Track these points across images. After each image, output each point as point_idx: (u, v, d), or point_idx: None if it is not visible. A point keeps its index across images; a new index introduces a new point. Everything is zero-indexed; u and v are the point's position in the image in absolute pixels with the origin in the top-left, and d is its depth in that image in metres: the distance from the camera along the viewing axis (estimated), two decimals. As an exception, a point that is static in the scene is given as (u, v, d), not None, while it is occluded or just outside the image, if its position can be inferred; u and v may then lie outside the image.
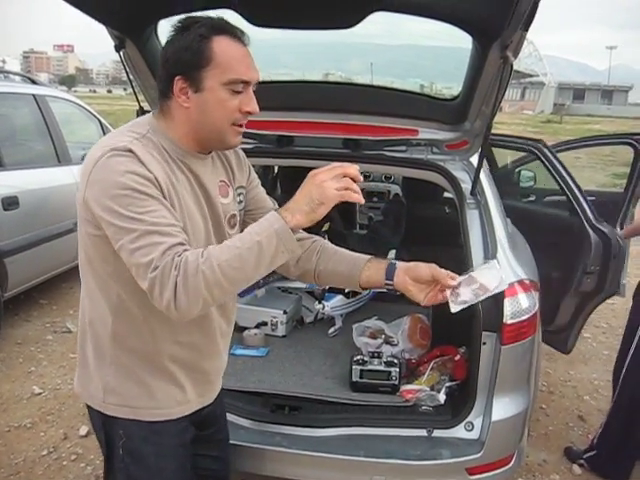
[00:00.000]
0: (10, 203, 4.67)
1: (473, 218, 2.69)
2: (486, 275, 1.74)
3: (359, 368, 2.77)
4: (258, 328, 3.32)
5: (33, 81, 6.22)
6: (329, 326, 3.49)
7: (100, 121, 6.75)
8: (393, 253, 3.81)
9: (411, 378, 2.85)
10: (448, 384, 2.70)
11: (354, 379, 2.77)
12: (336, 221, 4.45)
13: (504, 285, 1.78)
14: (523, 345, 2.43)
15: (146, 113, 2.58)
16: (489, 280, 1.73)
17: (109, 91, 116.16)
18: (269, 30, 2.47)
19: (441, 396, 2.64)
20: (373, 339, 3.11)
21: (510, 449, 2.52)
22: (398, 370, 2.77)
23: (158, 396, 1.73)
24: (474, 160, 2.91)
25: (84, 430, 3.66)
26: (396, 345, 3.07)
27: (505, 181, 4.57)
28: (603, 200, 4.14)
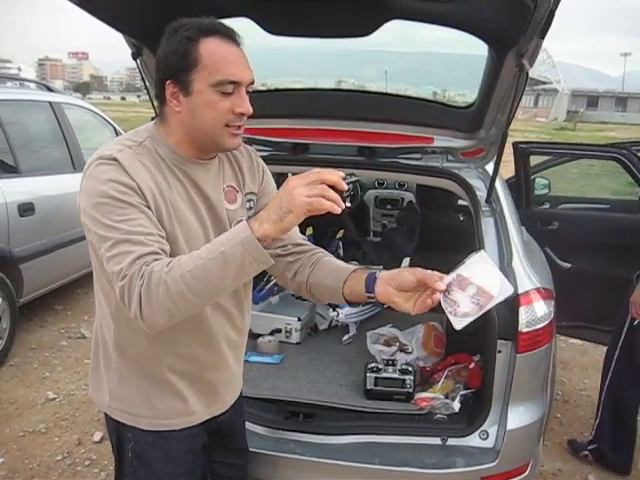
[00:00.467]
0: (26, 209, 4.71)
1: (488, 226, 2.68)
2: (479, 273, 1.53)
3: (373, 376, 2.76)
4: (272, 335, 3.31)
5: (49, 89, 6.28)
6: (343, 333, 3.48)
7: (115, 128, 6.79)
8: (407, 261, 3.80)
9: (425, 386, 2.84)
10: (463, 392, 2.69)
11: (368, 387, 2.76)
12: (350, 228, 4.46)
13: (509, 290, 1.54)
14: (539, 353, 2.42)
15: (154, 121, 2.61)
16: (486, 281, 1.52)
17: (123, 98, 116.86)
18: (281, 37, 2.49)
19: (455, 404, 2.62)
20: (387, 347, 3.11)
21: (525, 458, 2.50)
22: (412, 378, 2.76)
23: (158, 406, 1.73)
24: (489, 168, 2.91)
25: (98, 436, 3.67)
26: (410, 353, 3.06)
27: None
28: None
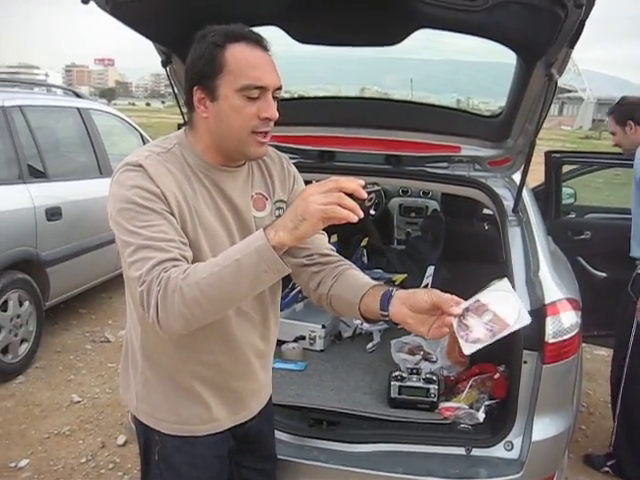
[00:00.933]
0: (53, 214, 4.77)
1: (515, 235, 2.67)
2: (498, 301, 1.44)
3: (398, 384, 2.76)
4: (296, 342, 3.32)
5: (77, 95, 6.36)
6: (367, 341, 3.48)
7: (141, 133, 6.87)
8: (431, 270, 3.79)
9: (450, 396, 2.83)
10: (487, 402, 2.67)
11: (393, 395, 2.76)
12: (374, 236, 4.46)
13: (526, 320, 1.43)
14: (565, 365, 2.40)
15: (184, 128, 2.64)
16: (504, 309, 1.43)
17: (147, 104, 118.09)
18: (304, 45, 2.50)
19: (480, 414, 2.61)
20: (411, 355, 3.10)
21: (550, 470, 2.48)
22: (437, 387, 2.75)
23: (181, 412, 1.73)
24: (516, 177, 2.90)
25: (122, 439, 3.70)
26: (435, 362, 3.05)
27: None
28: None
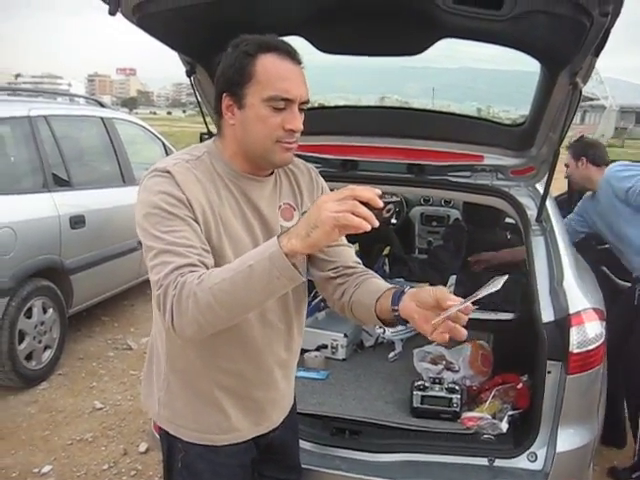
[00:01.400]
0: (77, 222, 4.82)
1: (538, 245, 2.66)
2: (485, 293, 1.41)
3: (420, 394, 2.75)
4: (318, 351, 3.32)
5: (101, 104, 6.43)
6: (389, 350, 3.47)
7: (163, 142, 6.92)
8: (454, 279, 3.77)
9: (472, 405, 2.81)
10: (510, 413, 2.65)
11: (415, 405, 2.75)
12: (395, 245, 4.45)
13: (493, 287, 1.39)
14: (589, 375, 2.39)
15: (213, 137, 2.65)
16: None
17: (169, 113, 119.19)
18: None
19: (503, 425, 2.59)
20: (434, 365, 3.08)
21: (575, 482, 2.46)
22: (459, 397, 2.74)
23: (201, 420, 1.74)
24: (539, 186, 2.88)
25: (144, 447, 3.72)
26: (457, 372, 3.03)
27: None
28: None
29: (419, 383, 2.79)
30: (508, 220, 4.12)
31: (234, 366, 1.71)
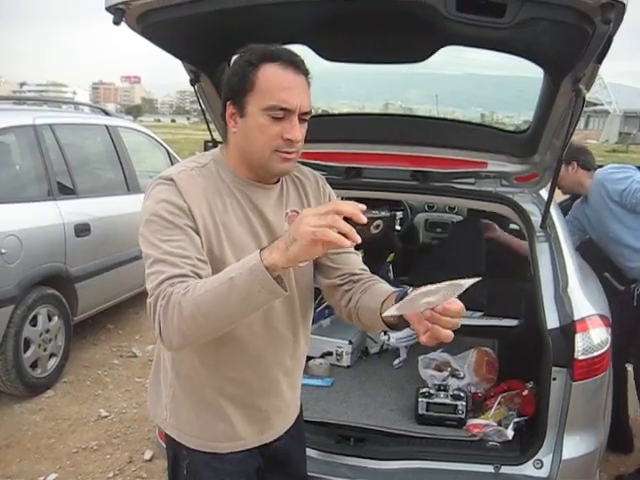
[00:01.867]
0: (82, 230, 4.82)
1: (543, 251, 2.66)
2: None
3: (425, 401, 2.75)
4: (323, 358, 3.32)
5: (106, 112, 6.45)
6: (394, 357, 3.47)
7: (167, 150, 6.93)
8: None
9: (477, 412, 2.82)
10: (516, 420, 2.65)
11: (420, 412, 2.75)
12: (400, 251, 4.45)
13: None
14: (595, 382, 2.39)
15: (217, 144, 2.66)
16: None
17: (173, 120, 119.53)
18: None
19: (509, 432, 2.59)
20: (439, 372, 3.08)
21: (581, 489, 2.45)
22: (464, 404, 2.74)
23: (205, 427, 1.74)
24: (543, 192, 2.88)
25: (149, 454, 3.70)
26: (462, 378, 3.03)
27: None
28: None
29: (424, 390, 2.80)
30: (512, 226, 4.13)
31: (238, 374, 1.70)
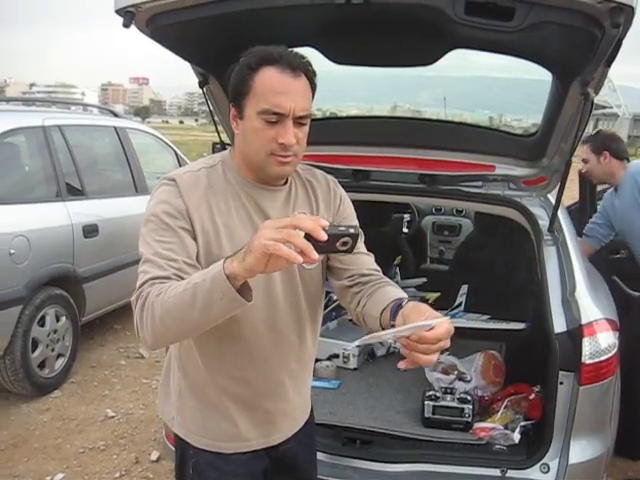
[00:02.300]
0: (90, 231, 4.84)
1: (550, 255, 2.66)
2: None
3: (432, 404, 2.74)
4: (330, 360, 3.32)
5: (115, 114, 6.47)
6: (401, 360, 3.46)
7: (176, 151, 6.95)
8: (465, 288, 3.77)
9: (484, 416, 2.81)
10: (523, 423, 2.64)
11: (427, 415, 2.74)
12: (407, 254, 4.45)
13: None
14: (602, 386, 2.38)
15: (226, 146, 2.67)
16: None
17: (181, 122, 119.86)
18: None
19: (515, 435, 2.58)
20: (446, 375, 3.07)
21: (588, 494, 2.44)
22: (471, 407, 2.73)
23: (209, 426, 1.75)
24: (551, 196, 2.88)
25: (155, 455, 3.72)
26: (469, 382, 3.02)
27: None
28: None
29: (431, 393, 2.79)
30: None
31: (242, 374, 1.71)
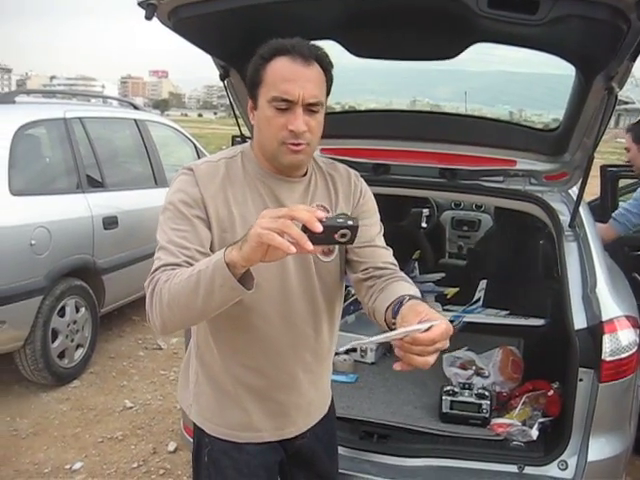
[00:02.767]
0: (110, 223, 4.87)
1: (571, 251, 2.63)
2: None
3: (449, 399, 2.74)
4: (347, 354, 3.32)
5: (135, 106, 6.50)
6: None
7: (195, 144, 6.97)
8: (484, 283, 3.75)
9: (502, 412, 2.80)
10: (541, 420, 2.63)
11: (444, 410, 2.74)
12: (426, 249, 4.44)
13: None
14: (622, 384, 2.35)
15: (246, 139, 2.67)
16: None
17: (200, 115, 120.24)
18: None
19: (533, 432, 2.57)
20: (463, 370, 3.07)
21: (606, 493, 2.42)
22: (489, 403, 2.72)
23: (224, 415, 1.76)
24: (572, 191, 2.86)
25: (172, 446, 3.74)
26: (487, 377, 3.01)
27: None
28: None
29: (448, 388, 2.79)
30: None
31: (255, 363, 1.71)
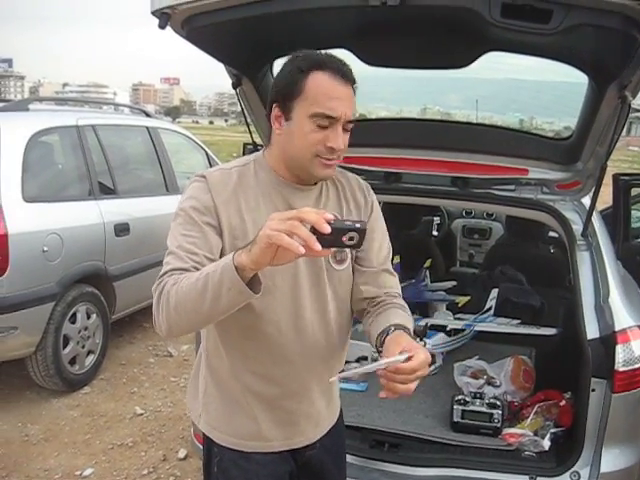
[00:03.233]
0: (122, 229, 4.89)
1: (584, 260, 2.62)
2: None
3: (460, 408, 2.72)
4: (358, 362, 3.31)
5: (147, 114, 6.53)
6: (429, 364, 3.44)
7: (206, 152, 7.00)
8: (495, 292, 3.74)
9: (514, 422, 2.78)
10: (553, 430, 2.62)
11: (455, 419, 2.73)
12: (437, 257, 4.43)
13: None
14: (636, 394, 2.34)
15: (257, 146, 2.68)
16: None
17: (211, 122, 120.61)
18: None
19: (545, 442, 2.55)
20: (475, 379, 3.05)
21: (619, 505, 2.40)
22: (500, 412, 2.71)
23: (232, 423, 1.75)
24: (584, 200, 2.84)
25: (182, 453, 3.74)
26: (498, 386, 3.00)
27: None
28: None
29: (459, 397, 2.77)
30: (552, 234, 4.07)
31: (264, 371, 1.71)
